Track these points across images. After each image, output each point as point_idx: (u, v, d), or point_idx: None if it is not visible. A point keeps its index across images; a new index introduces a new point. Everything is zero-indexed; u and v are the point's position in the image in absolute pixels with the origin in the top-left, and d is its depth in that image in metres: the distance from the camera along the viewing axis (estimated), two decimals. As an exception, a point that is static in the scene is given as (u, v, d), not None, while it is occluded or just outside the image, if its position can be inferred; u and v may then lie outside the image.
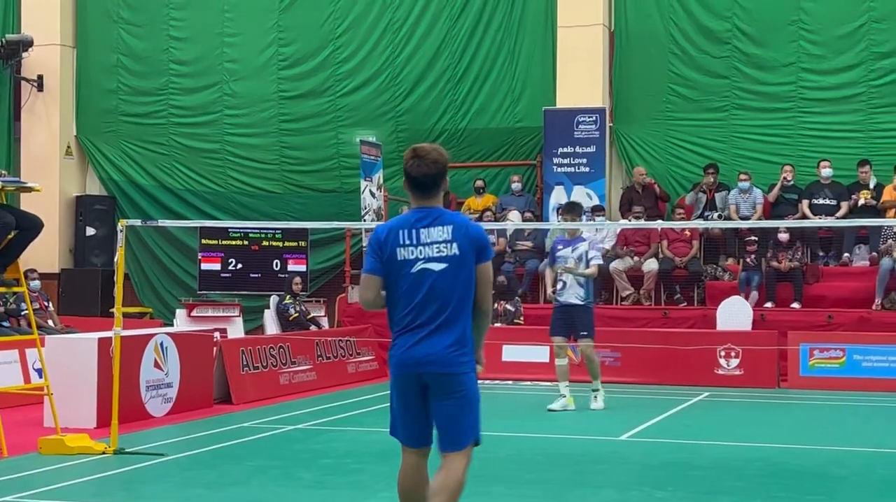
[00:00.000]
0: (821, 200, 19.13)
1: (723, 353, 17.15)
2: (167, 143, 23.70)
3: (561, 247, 14.04)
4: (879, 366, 16.73)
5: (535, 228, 19.49)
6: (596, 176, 20.70)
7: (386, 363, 9.20)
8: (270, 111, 23.07)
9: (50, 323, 18.48)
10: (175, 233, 23.10)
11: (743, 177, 19.53)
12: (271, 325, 19.55)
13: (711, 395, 15.93)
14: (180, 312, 20.50)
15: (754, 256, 18.64)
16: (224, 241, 21.14)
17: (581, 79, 20.96)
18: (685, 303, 19.03)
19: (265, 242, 21.31)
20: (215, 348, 14.95)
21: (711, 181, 19.76)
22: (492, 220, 19.71)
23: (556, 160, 20.82)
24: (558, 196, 20.32)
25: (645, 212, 19.45)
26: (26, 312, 15.52)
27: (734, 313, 17.94)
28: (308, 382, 16.31)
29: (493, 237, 20.23)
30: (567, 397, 13.85)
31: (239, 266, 21.15)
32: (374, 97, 22.47)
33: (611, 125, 21.09)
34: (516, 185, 21.03)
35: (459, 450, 6.08)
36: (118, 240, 11.10)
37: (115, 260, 11.24)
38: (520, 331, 18.10)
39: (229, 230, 21.11)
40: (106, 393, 11.62)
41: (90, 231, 23.26)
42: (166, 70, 23.67)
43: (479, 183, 21.19)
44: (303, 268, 21.05)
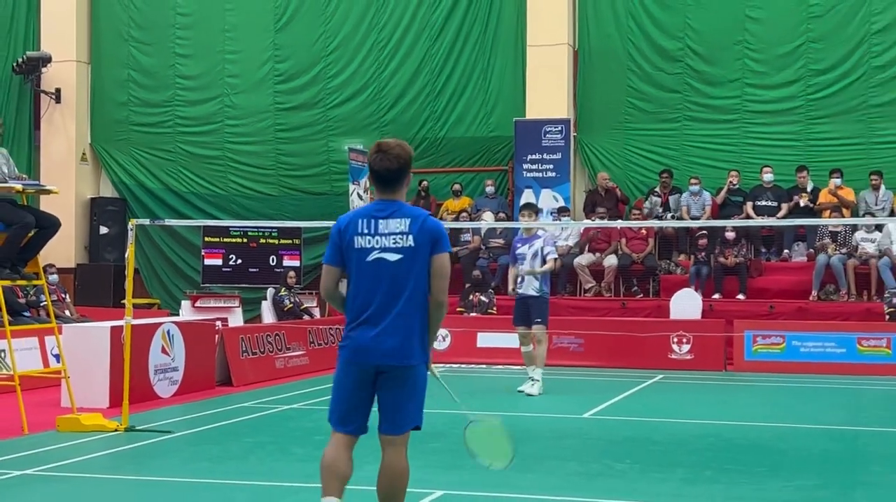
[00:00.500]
0: (763, 202, 19.20)
1: (675, 340, 17.18)
2: (173, 150, 23.62)
3: (520, 246, 13.89)
4: (816, 351, 16.79)
5: (507, 227, 19.48)
6: (561, 180, 20.73)
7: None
8: (267, 121, 23.02)
9: (67, 313, 18.40)
10: (180, 231, 23.03)
11: (693, 181, 19.58)
12: (268, 315, 19.52)
13: (665, 378, 15.95)
14: (185, 303, 20.44)
15: (704, 253, 18.69)
16: (225, 239, 21.10)
17: (548, 93, 20.97)
18: (641, 295, 19.08)
19: (262, 240, 21.28)
20: (217, 335, 14.91)
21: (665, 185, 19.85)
22: (468, 220, 19.75)
23: (526, 166, 20.82)
24: (528, 198, 20.29)
25: (607, 213, 19.50)
26: (45, 303, 15.48)
27: (685, 304, 18.01)
28: (301, 366, 16.26)
29: (469, 235, 20.25)
30: (538, 381, 13.79)
31: (239, 261, 21.11)
32: (361, 109, 22.43)
33: (575, 135, 21.10)
34: (490, 189, 21.04)
35: (400, 434, 5.83)
36: (129, 238, 11.05)
37: (126, 256, 11.14)
38: (493, 320, 18.11)
39: (230, 229, 21.07)
40: (118, 376, 11.59)
41: (103, 230, 23.20)
42: (173, 84, 23.58)
43: (457, 186, 21.21)
44: (296, 263, 21.04)
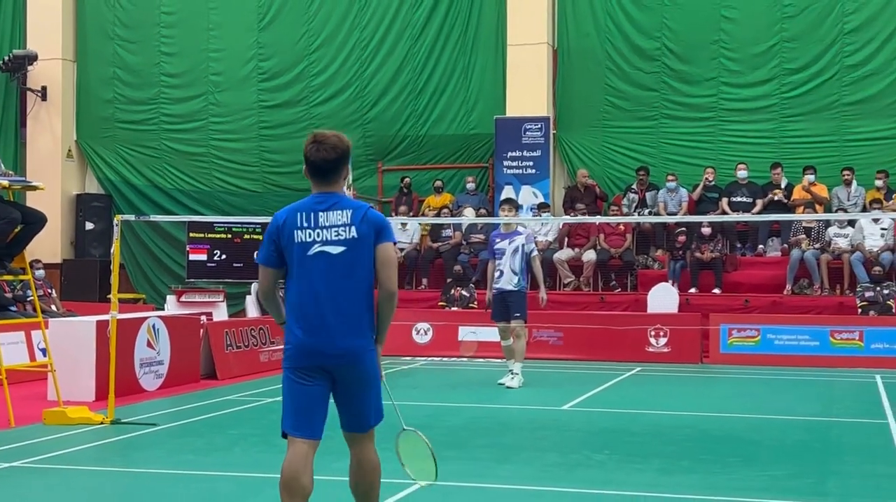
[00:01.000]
0: (738, 198, 19.26)
1: (652, 333, 17.22)
2: (158, 147, 23.54)
3: (499, 240, 13.85)
4: (790, 344, 16.86)
5: (487, 223, 19.48)
6: (541, 177, 20.75)
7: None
8: (251, 119, 22.98)
9: (53, 307, 18.35)
10: (165, 227, 22.97)
11: (670, 178, 19.63)
12: (252, 309, 19.50)
13: (643, 370, 16.00)
14: (170, 298, 20.36)
15: (682, 249, 18.74)
16: (210, 235, 21.01)
17: (528, 91, 20.98)
18: (619, 289, 19.12)
19: (247, 236, 21.20)
20: (202, 330, 14.90)
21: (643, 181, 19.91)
22: (449, 216, 19.75)
23: (506, 163, 20.84)
24: (508, 194, 20.30)
25: (586, 209, 19.53)
26: (32, 298, 15.38)
27: (662, 298, 18.06)
28: (279, 360, 16.21)
29: (450, 231, 20.25)
30: (519, 374, 13.79)
31: (223, 257, 21.03)
32: (344, 107, 22.40)
33: (554, 132, 21.12)
34: (470, 185, 21.04)
35: (366, 432, 5.60)
36: (114, 234, 11.01)
37: (112, 251, 11.08)
38: (474, 314, 18.11)
39: (214, 225, 20.99)
40: (103, 369, 11.58)
41: (89, 225, 23.12)
42: (158, 82, 23.51)
43: (438, 183, 21.20)
44: (280, 258, 20.95)
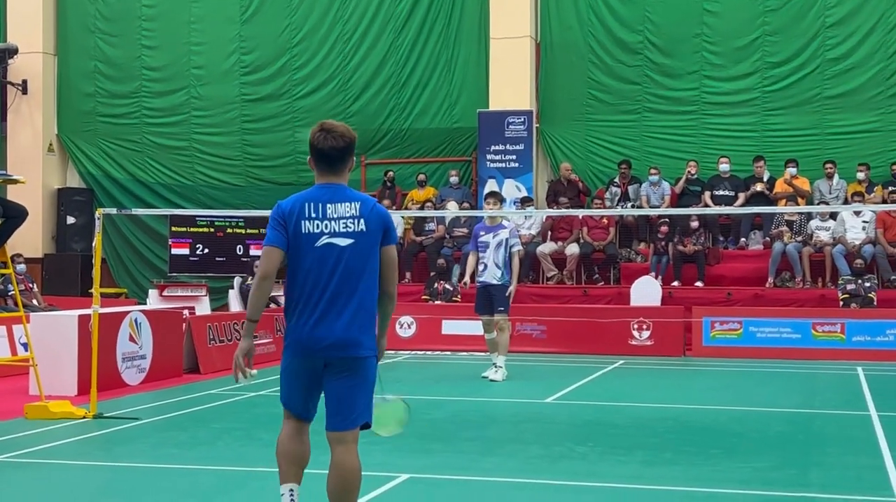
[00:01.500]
0: (721, 191, 19.32)
1: (636, 326, 17.26)
2: (140, 141, 23.47)
3: (483, 233, 13.85)
4: (772, 336, 16.92)
5: (471, 216, 19.49)
6: (524, 170, 20.77)
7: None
8: (233, 112, 22.92)
9: (34, 302, 18.27)
10: (147, 221, 22.91)
11: (653, 171, 19.68)
12: (235, 303, 19.47)
13: (626, 363, 16.03)
14: (152, 292, 20.34)
15: (664, 241, 18.78)
16: (192, 229, 21.00)
17: (511, 84, 20.98)
18: (602, 282, 19.15)
19: (229, 230, 21.20)
20: (184, 324, 14.86)
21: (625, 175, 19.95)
22: (432, 210, 19.74)
23: (490, 156, 20.84)
24: (491, 188, 20.32)
25: (569, 203, 19.55)
26: (13, 292, 15.30)
27: (645, 290, 18.10)
28: (268, 354, 16.17)
29: (434, 224, 20.25)
30: (501, 367, 13.80)
31: (205, 251, 21.02)
32: (327, 100, 22.37)
33: (537, 126, 21.14)
34: (454, 179, 21.05)
35: (350, 430, 5.44)
36: (96, 228, 10.97)
37: (93, 245, 11.05)
38: (457, 307, 18.12)
39: (197, 218, 20.98)
40: (86, 363, 11.53)
41: (70, 220, 23.05)
42: (139, 75, 23.43)
43: (422, 177, 21.19)
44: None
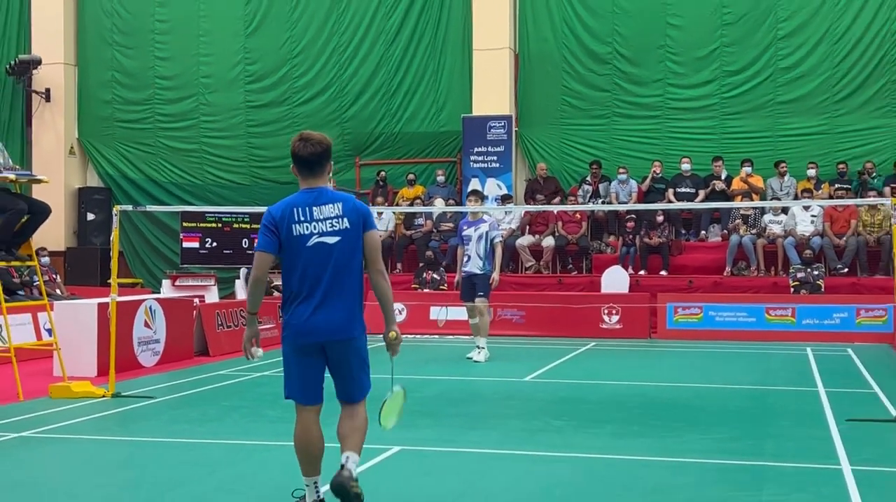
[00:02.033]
0: (683, 189, 19.33)
1: (606, 311, 17.29)
2: (154, 144, 23.38)
3: (466, 228, 13.88)
4: (730, 320, 16.97)
5: (456, 212, 19.49)
6: (504, 170, 20.76)
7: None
8: (239, 117, 22.85)
9: (57, 291, 18.20)
10: (161, 217, 22.83)
11: (621, 170, 19.69)
12: (241, 292, 19.40)
13: (597, 345, 16.06)
14: (166, 282, 20.24)
15: (632, 234, 18.81)
16: (201, 224, 20.89)
17: (492, 92, 20.97)
18: (576, 272, 19.16)
19: (236, 225, 21.09)
20: (195, 311, 14.83)
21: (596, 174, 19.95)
22: (421, 206, 19.73)
23: (473, 157, 20.83)
24: (474, 186, 20.33)
25: (545, 199, 19.55)
26: (38, 283, 15.26)
27: (615, 279, 18.12)
28: (271, 338, 16.08)
29: (422, 219, 20.23)
30: (484, 348, 13.83)
31: (214, 244, 20.92)
32: (325, 106, 22.32)
33: (516, 129, 21.13)
34: (440, 178, 21.02)
35: (360, 399, 5.79)
36: (113, 223, 10.93)
37: (111, 239, 11.00)
38: (444, 295, 18.12)
39: (206, 215, 20.87)
40: (104, 347, 11.50)
41: (90, 216, 22.97)
42: (152, 84, 23.33)
43: (411, 176, 21.16)
44: (266, 245, 20.89)
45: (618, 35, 20.82)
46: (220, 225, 20.95)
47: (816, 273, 17.34)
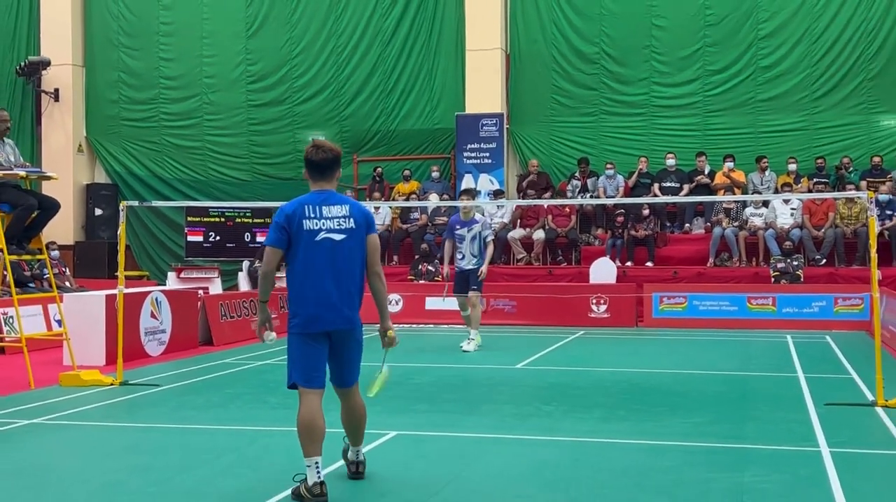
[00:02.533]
0: (668, 183, 19.36)
1: (594, 301, 17.31)
2: (159, 142, 23.33)
3: (458, 227, 13.86)
4: (712, 309, 17.00)
5: (450, 206, 19.49)
6: (496, 166, 20.76)
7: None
8: (241, 116, 22.81)
9: (67, 284, 18.18)
10: (166, 212, 22.79)
11: (609, 166, 19.69)
12: (244, 284, 19.43)
13: (586, 333, 16.08)
14: (171, 274, 20.27)
15: (620, 228, 18.82)
16: (205, 219, 20.92)
17: (484, 90, 20.96)
18: (565, 263, 19.17)
19: (238, 219, 21.13)
20: (199, 302, 14.81)
21: (584, 170, 19.96)
22: (416, 201, 19.73)
23: (466, 154, 20.83)
24: (468, 182, 20.36)
25: (536, 194, 19.56)
26: (48, 275, 15.26)
27: (603, 270, 18.13)
28: (274, 328, 16.18)
29: (418, 214, 20.23)
30: (476, 338, 13.84)
31: (217, 238, 20.95)
32: (323, 105, 22.30)
33: (508, 126, 21.12)
34: (435, 174, 21.02)
35: (354, 384, 6.14)
36: (120, 218, 10.92)
37: (118, 233, 10.99)
38: (438, 286, 18.05)
39: (209, 210, 20.90)
40: (112, 337, 11.51)
41: (98, 211, 22.92)
42: (157, 84, 23.28)
43: (406, 172, 21.15)
44: (268, 239, 20.90)
45: (605, 36, 20.81)
46: (223, 219, 20.98)
47: (796, 263, 17.38)
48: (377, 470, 6.50)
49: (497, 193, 19.92)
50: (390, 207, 20.17)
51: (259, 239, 20.84)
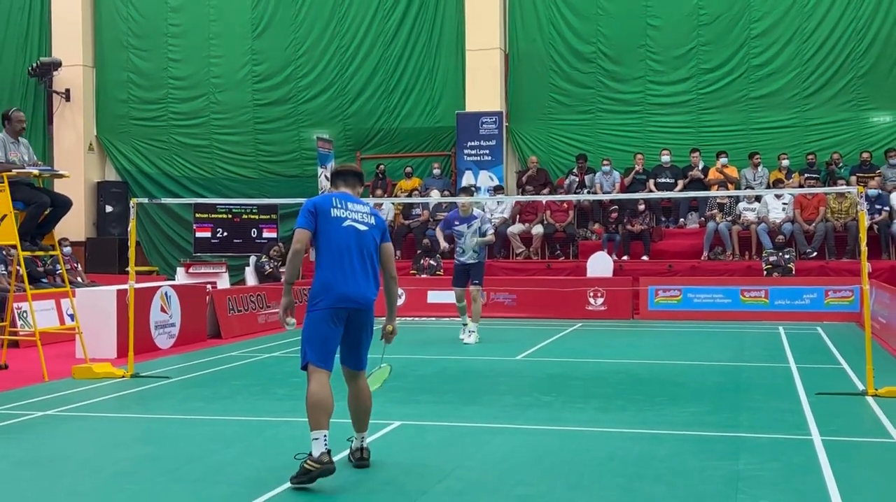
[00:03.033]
0: (663, 179, 19.33)
1: (591, 294, 17.30)
2: (167, 141, 23.34)
3: (457, 223, 13.84)
4: (707, 301, 16.99)
5: (451, 202, 19.47)
6: (496, 163, 20.74)
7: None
8: (247, 115, 22.80)
9: (79, 279, 18.17)
10: (175, 208, 22.81)
11: (605, 163, 19.67)
12: (251, 278, 19.40)
13: (584, 325, 16.07)
14: (180, 270, 20.25)
15: (615, 223, 18.81)
16: (213, 215, 20.90)
17: (484, 89, 20.94)
18: (563, 258, 19.17)
19: (245, 216, 21.11)
20: (207, 296, 14.80)
21: (582, 166, 19.93)
22: (418, 197, 19.71)
23: (466, 151, 20.81)
24: (468, 179, 20.37)
25: (535, 190, 19.54)
26: (60, 271, 15.25)
27: (600, 264, 18.13)
28: (279, 321, 16.19)
29: (419, 210, 20.22)
30: (475, 331, 13.79)
31: (225, 234, 20.93)
32: (327, 104, 22.29)
33: (507, 124, 21.11)
34: (436, 171, 21.01)
35: (363, 369, 6.33)
36: (131, 215, 10.92)
37: (129, 230, 11.00)
38: (440, 280, 18.09)
39: (217, 206, 20.88)
40: (123, 331, 11.51)
41: (109, 208, 22.94)
42: (166, 84, 23.28)
43: (408, 169, 21.15)
44: (274, 235, 20.91)
45: (601, 35, 20.79)
46: (231, 216, 20.96)
47: (788, 257, 17.37)
48: (381, 459, 6.49)
49: (496, 189, 19.91)
50: (393, 203, 20.16)
51: (265, 234, 20.85)
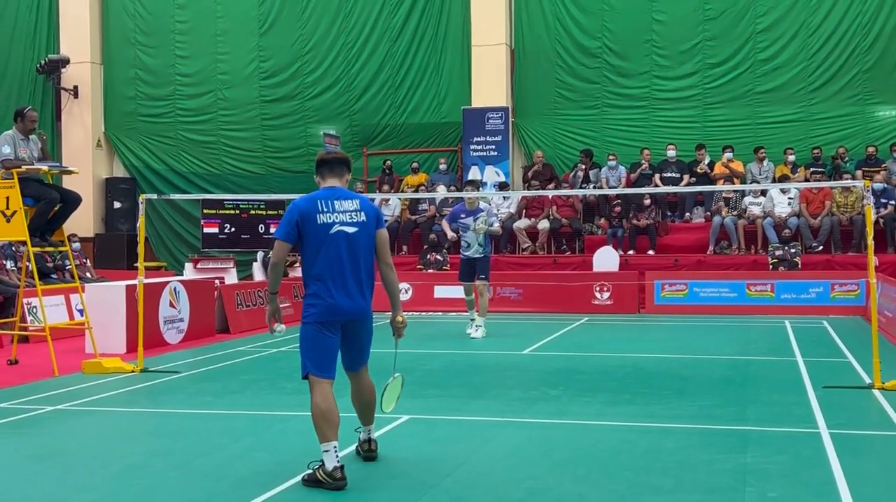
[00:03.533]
0: (669, 174, 19.30)
1: (598, 288, 17.29)
2: (175, 137, 23.34)
3: (463, 216, 13.82)
4: (713, 295, 16.97)
5: (457, 197, 19.43)
6: (502, 158, 20.73)
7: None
8: (254, 111, 22.80)
9: (88, 274, 18.19)
10: (182, 204, 22.82)
11: (611, 157, 19.63)
12: (258, 273, 19.43)
13: (590, 320, 16.05)
14: (188, 265, 20.27)
15: (619, 218, 18.77)
16: (221, 211, 20.90)
17: (490, 85, 20.91)
18: (569, 252, 19.14)
19: (252, 211, 21.11)
20: (216, 291, 14.82)
21: (587, 161, 19.88)
22: (425, 192, 19.69)
23: (472, 146, 20.79)
24: (474, 174, 20.35)
25: (540, 185, 19.52)
26: (70, 267, 15.29)
27: (606, 258, 18.11)
28: (288, 316, 16.11)
29: (426, 205, 20.21)
30: (482, 326, 13.76)
31: (232, 229, 20.93)
32: (334, 100, 22.27)
33: (513, 120, 21.08)
34: (442, 166, 20.99)
35: (364, 368, 6.23)
36: (139, 211, 10.94)
37: (137, 226, 11.02)
38: (447, 275, 18.09)
39: (224, 202, 20.88)
40: (133, 326, 11.52)
41: (117, 204, 22.96)
42: (173, 81, 23.27)
43: (415, 164, 21.14)
44: (281, 230, 20.92)
45: (607, 31, 20.74)
46: (238, 211, 20.96)
47: (793, 251, 17.33)
48: (390, 453, 6.49)
49: (502, 186, 19.88)
50: (399, 199, 20.15)
51: (273, 230, 20.84)
